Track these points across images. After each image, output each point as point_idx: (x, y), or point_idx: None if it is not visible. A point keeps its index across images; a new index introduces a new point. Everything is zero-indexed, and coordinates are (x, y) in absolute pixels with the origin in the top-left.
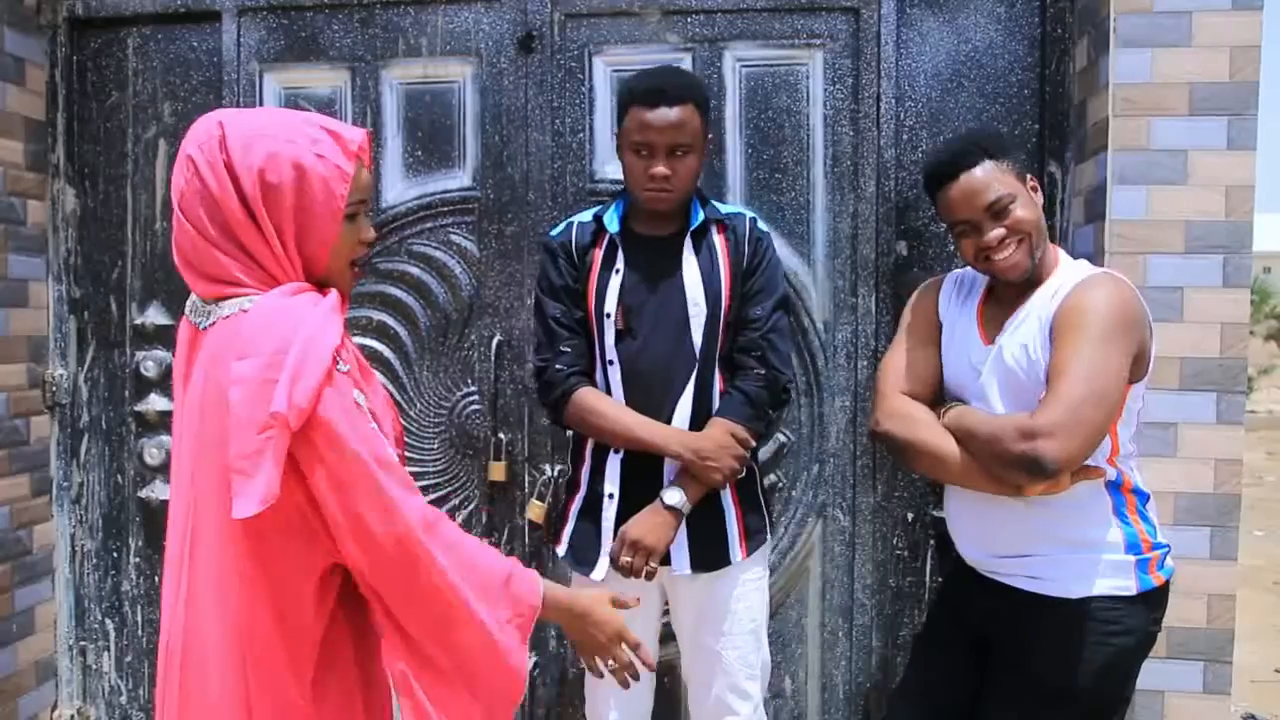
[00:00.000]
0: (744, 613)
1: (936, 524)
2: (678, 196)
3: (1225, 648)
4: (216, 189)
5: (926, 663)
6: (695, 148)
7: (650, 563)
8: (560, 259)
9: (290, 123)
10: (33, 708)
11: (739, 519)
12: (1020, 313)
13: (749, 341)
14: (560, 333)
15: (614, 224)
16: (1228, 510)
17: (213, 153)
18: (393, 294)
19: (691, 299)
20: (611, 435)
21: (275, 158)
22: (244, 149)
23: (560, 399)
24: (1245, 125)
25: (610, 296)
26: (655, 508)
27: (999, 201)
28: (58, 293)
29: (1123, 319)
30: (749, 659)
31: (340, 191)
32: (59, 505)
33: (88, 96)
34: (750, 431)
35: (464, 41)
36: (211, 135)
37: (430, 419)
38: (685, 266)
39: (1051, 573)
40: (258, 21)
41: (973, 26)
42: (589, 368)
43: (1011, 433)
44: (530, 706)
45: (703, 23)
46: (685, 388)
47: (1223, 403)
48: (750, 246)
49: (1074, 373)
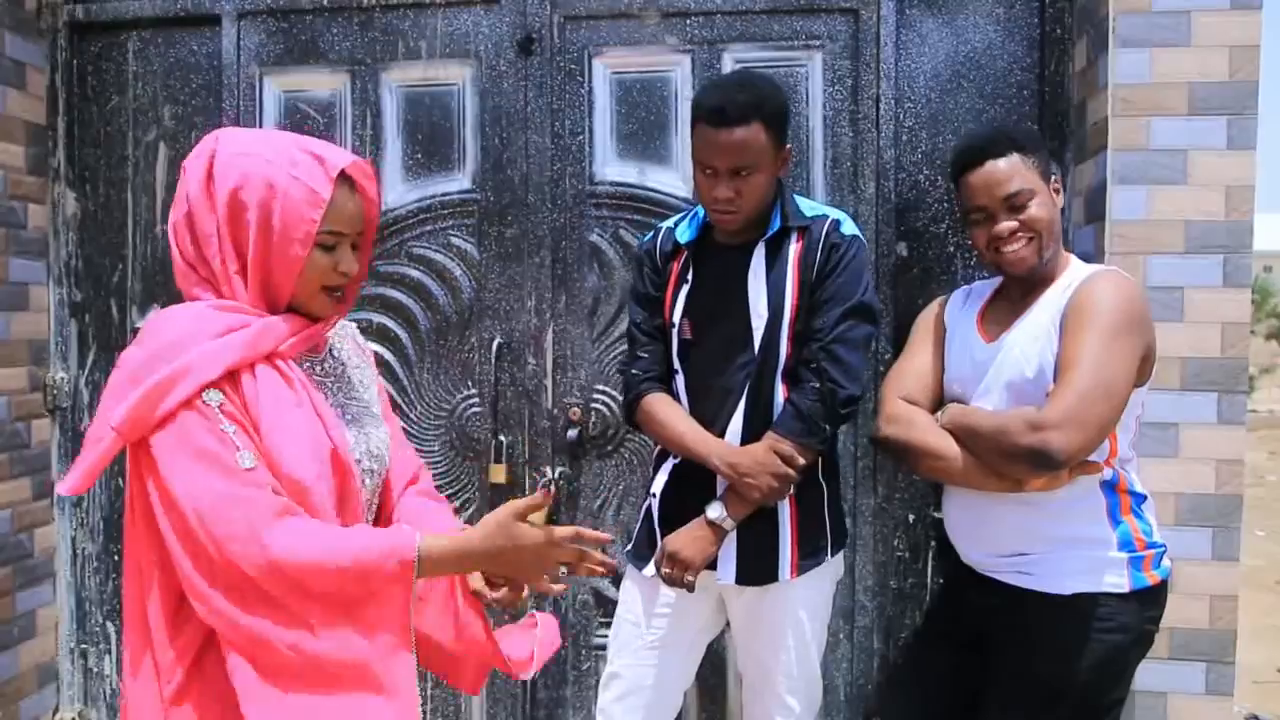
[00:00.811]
0: (791, 628)
1: (937, 525)
2: (744, 216)
3: (1228, 648)
4: (195, 203)
5: (925, 662)
6: (762, 166)
7: (688, 575)
8: (645, 266)
9: (278, 144)
10: (34, 711)
11: (793, 536)
12: (1030, 312)
13: (810, 353)
14: (640, 338)
15: (685, 234)
16: (1229, 511)
17: (199, 168)
18: (393, 297)
19: (754, 310)
20: (667, 441)
21: (249, 177)
22: (225, 166)
23: (633, 402)
24: (1245, 125)
25: (679, 307)
26: (699, 521)
27: (1017, 195)
28: (58, 296)
29: (1133, 315)
30: (792, 672)
31: (311, 215)
32: (60, 509)
33: (88, 100)
34: (800, 448)
35: (463, 44)
36: (204, 151)
37: (430, 421)
38: (752, 276)
39: (1044, 569)
40: (257, 25)
41: (972, 27)
42: (665, 374)
43: (1020, 425)
44: (530, 708)
45: (702, 24)
46: (740, 400)
47: (1224, 403)
48: (824, 253)
49: (1083, 365)
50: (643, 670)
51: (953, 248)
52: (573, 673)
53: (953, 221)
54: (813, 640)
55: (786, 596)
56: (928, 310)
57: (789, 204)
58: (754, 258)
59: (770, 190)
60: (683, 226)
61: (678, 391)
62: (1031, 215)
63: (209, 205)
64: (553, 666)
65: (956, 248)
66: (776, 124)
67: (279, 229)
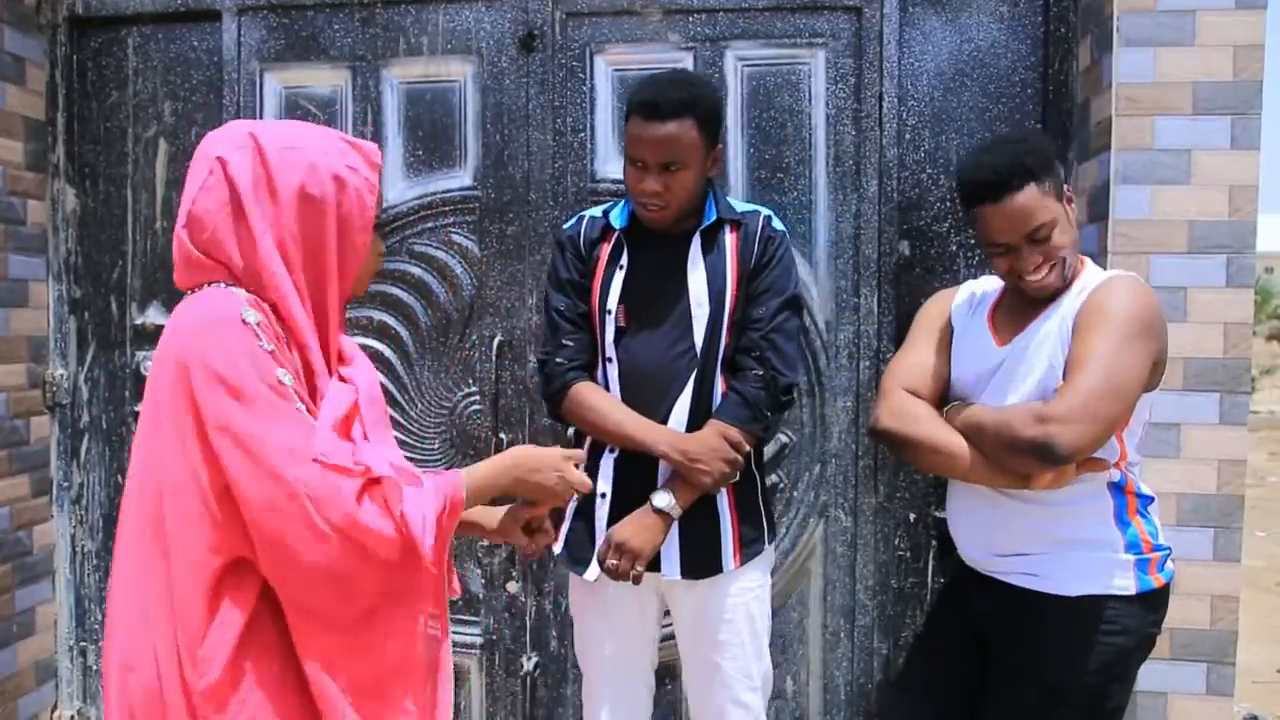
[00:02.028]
0: (742, 622)
1: (938, 525)
2: (671, 213)
3: (1228, 649)
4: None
5: (926, 662)
6: (691, 163)
7: (636, 566)
8: (568, 252)
9: (319, 135)
10: (33, 708)
11: (734, 525)
12: (1044, 317)
13: (750, 342)
14: (564, 326)
15: (620, 220)
16: (1231, 511)
17: (246, 162)
18: (393, 294)
19: (695, 299)
20: (604, 432)
21: (314, 170)
22: (282, 161)
23: (558, 392)
24: (1249, 125)
25: (613, 293)
26: (644, 510)
27: (1040, 230)
28: (58, 293)
29: (1146, 321)
30: (749, 670)
31: (370, 202)
32: (59, 506)
33: (88, 96)
34: (745, 434)
35: (465, 40)
36: (243, 144)
37: (431, 419)
38: (691, 265)
39: (1050, 570)
40: (258, 20)
41: (975, 25)
42: (590, 363)
43: (1024, 417)
44: (530, 708)
45: (704, 22)
46: (684, 388)
47: (1226, 403)
48: (760, 245)
49: (1092, 365)
50: (615, 673)
51: (955, 247)
52: (573, 671)
53: (955, 221)
54: (764, 633)
55: (733, 587)
56: (933, 304)
57: (721, 200)
58: (691, 248)
59: (698, 188)
60: (616, 213)
61: (608, 380)
62: (1055, 244)
63: (270, 200)
64: (553, 668)
65: (959, 247)
66: (709, 122)
67: (350, 219)
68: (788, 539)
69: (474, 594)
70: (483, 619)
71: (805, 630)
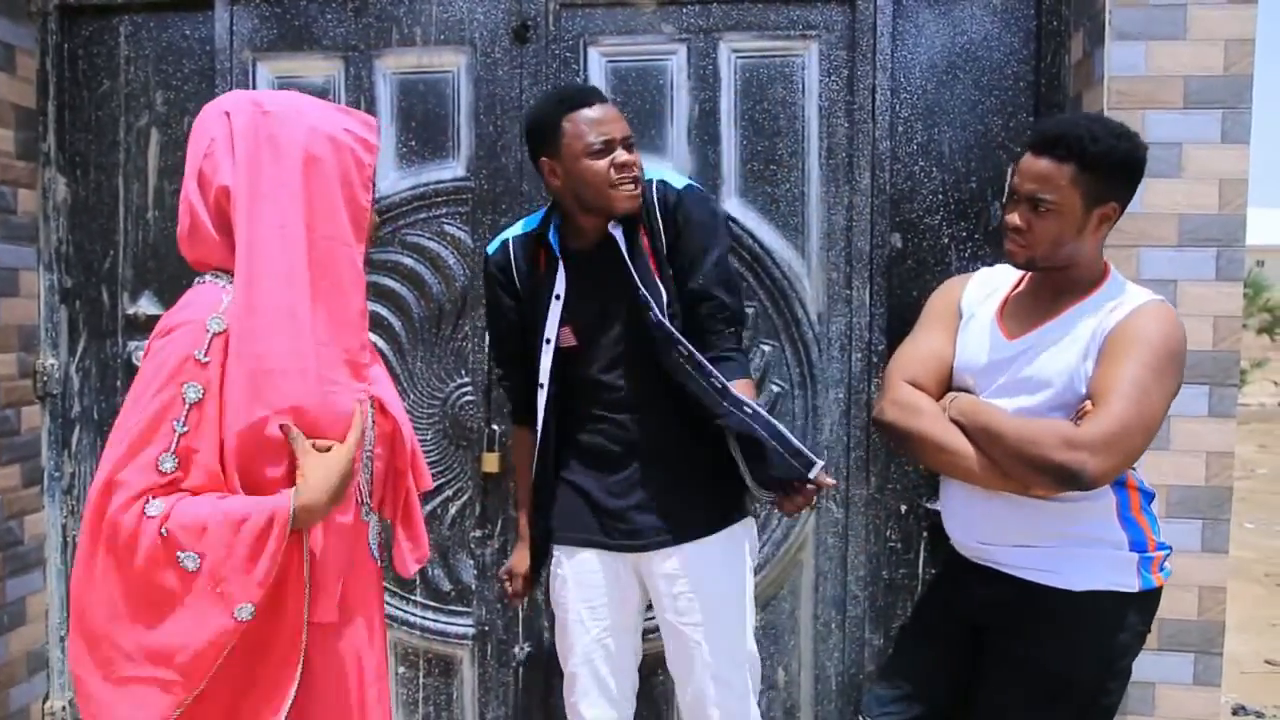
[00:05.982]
0: (725, 593)
1: (930, 516)
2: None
3: (1216, 639)
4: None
5: (915, 652)
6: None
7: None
8: (498, 283)
9: (317, 103)
10: (24, 699)
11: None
12: (1063, 321)
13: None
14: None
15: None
16: (1219, 503)
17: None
18: (386, 284)
19: (642, 298)
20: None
21: (314, 132)
22: (284, 123)
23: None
24: (1239, 118)
25: (552, 318)
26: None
27: (1040, 202)
28: (49, 282)
29: (1177, 354)
30: (732, 646)
31: (370, 160)
32: (50, 496)
33: (79, 84)
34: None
35: (458, 31)
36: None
37: (423, 410)
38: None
39: (1055, 565)
40: (250, 10)
41: (968, 19)
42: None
43: (1054, 439)
44: (523, 698)
45: (698, 13)
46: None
47: (1215, 396)
48: (663, 219)
49: (1128, 395)
50: (596, 664)
51: (947, 239)
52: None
53: (947, 213)
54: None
55: (710, 556)
56: (944, 291)
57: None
58: (620, 247)
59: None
60: (536, 230)
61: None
62: (1045, 228)
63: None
64: (547, 664)
65: (951, 239)
66: None
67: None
68: (779, 530)
69: (466, 585)
70: (474, 609)
71: (797, 621)
